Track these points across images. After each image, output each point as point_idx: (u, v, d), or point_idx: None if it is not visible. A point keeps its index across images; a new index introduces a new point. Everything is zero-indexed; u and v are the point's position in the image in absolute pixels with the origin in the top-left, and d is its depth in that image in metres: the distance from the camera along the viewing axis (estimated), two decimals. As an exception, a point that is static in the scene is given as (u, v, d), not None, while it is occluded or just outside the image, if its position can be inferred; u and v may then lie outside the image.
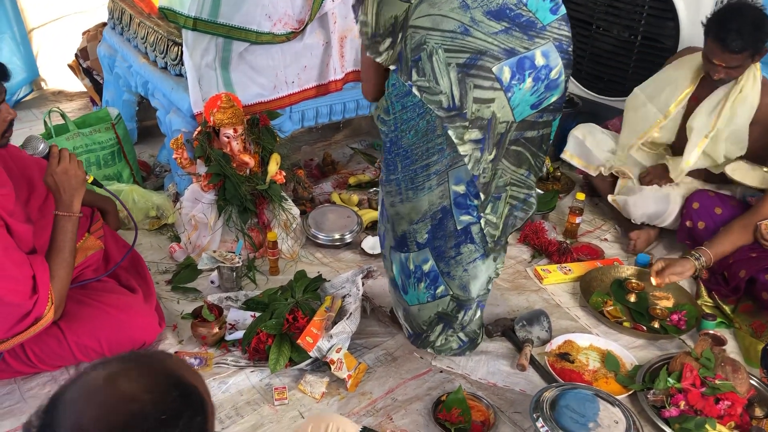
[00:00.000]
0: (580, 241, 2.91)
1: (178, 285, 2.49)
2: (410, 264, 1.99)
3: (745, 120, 2.65)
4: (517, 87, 1.76)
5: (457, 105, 1.74)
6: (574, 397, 1.91)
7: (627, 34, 3.29)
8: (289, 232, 2.68)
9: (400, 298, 2.10)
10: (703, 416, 1.96)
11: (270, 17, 2.70)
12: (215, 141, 2.59)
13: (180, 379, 0.93)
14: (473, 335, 2.16)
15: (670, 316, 2.45)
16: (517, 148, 1.86)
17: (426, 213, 1.88)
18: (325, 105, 3.05)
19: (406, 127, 1.80)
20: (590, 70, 3.46)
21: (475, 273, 1.98)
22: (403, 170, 1.84)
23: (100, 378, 0.91)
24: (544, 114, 1.85)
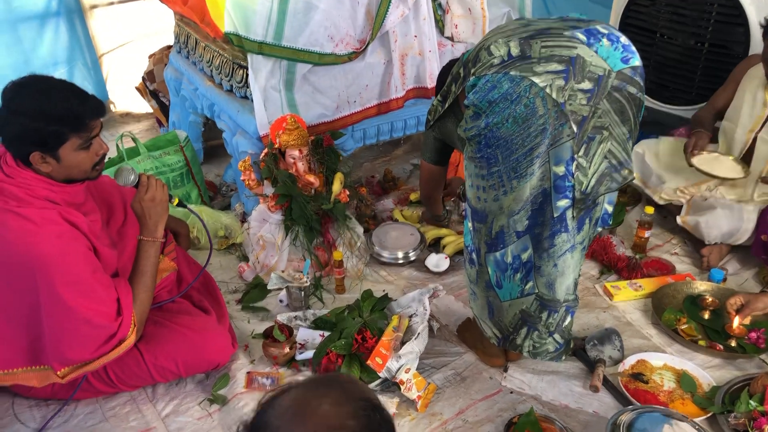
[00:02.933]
0: (649, 256, 2.84)
1: (247, 305, 2.54)
2: (508, 257, 1.97)
3: None
4: (598, 44, 1.79)
5: (514, 56, 1.79)
6: (650, 420, 1.86)
7: (693, 41, 3.21)
8: (354, 250, 2.70)
9: (493, 297, 2.07)
10: (789, 441, 1.89)
11: (332, 38, 2.74)
12: (281, 162, 2.64)
13: (374, 402, 0.97)
14: (568, 336, 2.11)
15: (748, 335, 2.36)
16: (621, 99, 1.81)
17: (527, 199, 1.87)
18: (387, 123, 3.07)
19: (500, 118, 1.79)
20: (655, 79, 3.38)
21: (563, 269, 1.95)
22: (504, 161, 1.83)
23: (304, 405, 0.95)
24: (636, 74, 1.82)
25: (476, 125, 1.82)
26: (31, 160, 1.79)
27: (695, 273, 2.73)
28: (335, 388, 0.98)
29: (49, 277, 1.78)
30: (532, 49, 1.77)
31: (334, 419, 0.92)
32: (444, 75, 2.38)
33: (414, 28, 2.93)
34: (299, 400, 0.96)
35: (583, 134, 1.80)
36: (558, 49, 1.76)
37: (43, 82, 1.81)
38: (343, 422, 0.92)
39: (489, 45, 1.83)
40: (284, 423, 0.93)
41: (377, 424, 0.94)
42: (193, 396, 2.14)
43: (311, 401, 0.95)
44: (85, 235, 1.86)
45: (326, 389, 0.97)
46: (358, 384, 1.01)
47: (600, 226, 2.02)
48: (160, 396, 2.14)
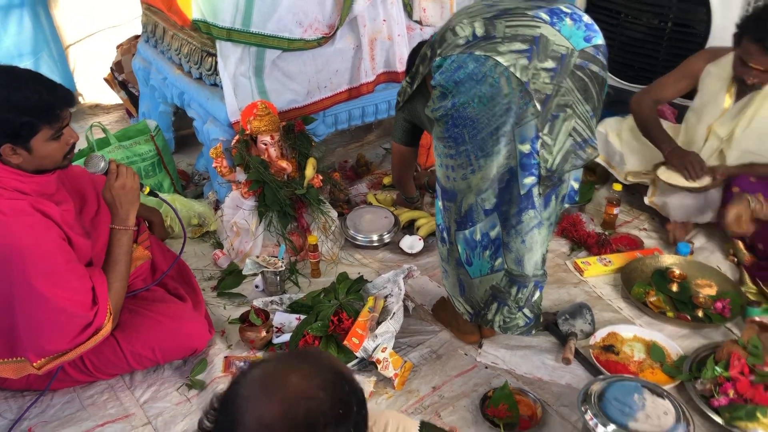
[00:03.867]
0: (618, 232, 2.90)
1: (223, 291, 2.55)
2: (477, 235, 2.00)
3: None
4: (561, 23, 1.82)
5: (479, 36, 1.81)
6: (621, 388, 1.91)
7: (657, 21, 3.26)
8: (329, 234, 2.72)
9: (464, 274, 2.10)
10: (754, 404, 1.95)
11: (301, 24, 2.74)
12: (253, 148, 2.64)
13: (346, 375, 0.99)
14: (537, 311, 2.15)
15: (714, 305, 2.44)
16: (584, 77, 1.84)
17: (494, 177, 1.90)
18: (358, 107, 3.08)
19: (467, 98, 1.81)
20: (620, 59, 3.43)
21: (531, 244, 1.98)
22: (471, 140, 1.86)
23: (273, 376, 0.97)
24: (599, 52, 1.86)
25: (443, 105, 1.85)
26: (1, 152, 1.78)
27: (663, 247, 2.80)
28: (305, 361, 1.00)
29: (23, 267, 1.77)
30: (497, 29, 1.80)
31: (303, 390, 0.94)
32: (414, 56, 2.40)
33: (382, 13, 2.94)
34: (270, 373, 0.98)
35: (547, 112, 1.83)
36: (521, 28, 1.79)
37: (10, 73, 1.80)
38: (311, 393, 0.94)
39: (454, 26, 1.86)
40: (254, 393, 0.95)
41: (346, 395, 0.96)
42: (171, 382, 2.15)
43: (281, 373, 0.97)
44: (58, 224, 1.86)
45: (297, 362, 1.00)
46: (328, 357, 1.03)
47: (567, 203, 2.06)
48: (138, 383, 2.14)
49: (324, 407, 0.93)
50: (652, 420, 1.82)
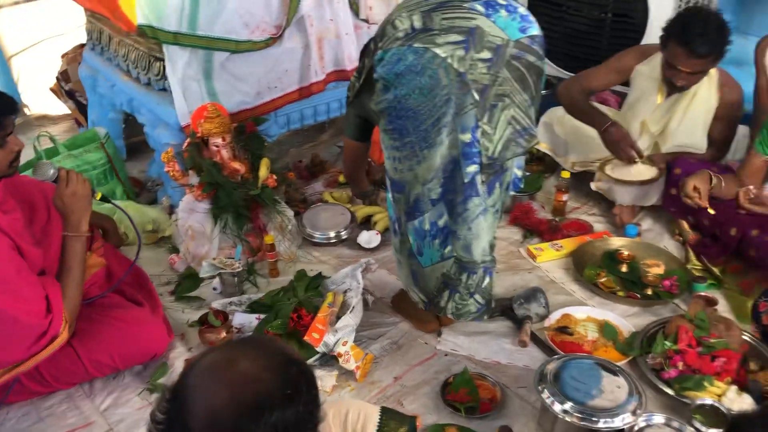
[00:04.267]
0: (568, 218, 2.98)
1: (181, 295, 2.54)
2: (425, 224, 2.04)
3: (703, 121, 2.74)
4: (496, 14, 1.85)
5: (417, 28, 1.84)
6: (576, 367, 1.97)
7: (597, 12, 3.35)
8: (285, 234, 2.73)
9: (416, 264, 2.14)
10: (701, 374, 2.03)
11: (248, 25, 2.75)
12: (205, 151, 2.64)
13: (293, 357, 1.01)
14: (488, 297, 2.19)
15: (662, 282, 2.52)
16: (521, 67, 1.88)
17: (439, 167, 1.94)
18: (309, 107, 3.10)
19: (408, 90, 1.85)
20: (564, 50, 3.52)
21: (477, 231, 2.02)
22: (414, 132, 1.90)
23: (221, 362, 0.98)
24: (534, 43, 1.89)
25: (386, 98, 1.90)
26: None
27: (611, 230, 2.88)
28: (252, 346, 1.01)
29: (-28, 279, 1.74)
30: (433, 21, 1.84)
31: (250, 373, 0.95)
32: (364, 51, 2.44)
33: (329, 12, 2.96)
34: (217, 360, 0.99)
35: (486, 102, 1.87)
36: (457, 20, 1.83)
37: None
38: (258, 375, 0.95)
39: (394, 19, 1.90)
40: (202, 381, 0.97)
41: (294, 376, 0.97)
42: (132, 387, 2.14)
43: (228, 359, 0.98)
44: (6, 234, 1.83)
45: (243, 347, 1.01)
46: (276, 341, 1.05)
47: (512, 190, 2.11)
48: (97, 391, 2.12)
49: (271, 389, 0.94)
50: (606, 395, 1.88)
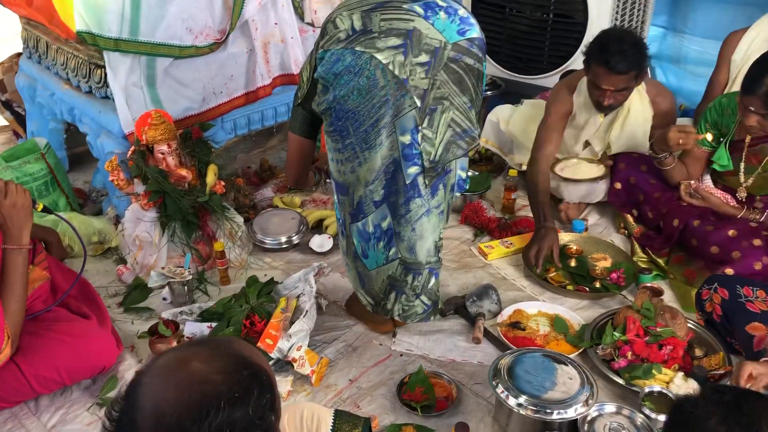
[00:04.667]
0: (517, 216, 3.03)
1: (130, 306, 2.49)
2: (369, 227, 2.05)
3: (642, 132, 2.83)
4: (435, 17, 1.86)
5: (358, 30, 1.85)
6: (529, 361, 2.00)
7: (539, 13, 3.42)
8: (235, 240, 2.70)
9: (361, 267, 2.14)
10: (650, 363, 2.09)
11: (191, 30, 2.71)
12: (150, 159, 2.59)
13: (248, 360, 0.99)
14: (435, 298, 2.20)
15: (610, 275, 2.58)
16: (458, 69, 1.89)
17: (380, 169, 1.95)
18: (257, 112, 3.08)
19: (346, 90, 1.86)
20: (509, 52, 3.58)
21: (421, 232, 2.03)
22: (355, 133, 1.90)
23: (174, 362, 0.96)
24: (473, 45, 1.91)
25: (326, 99, 1.90)
26: None
27: (560, 226, 2.92)
28: (206, 347, 1.00)
29: None
30: (373, 22, 1.84)
31: (200, 374, 0.94)
32: None
33: (273, 16, 2.95)
34: (170, 360, 0.98)
35: (426, 106, 1.89)
36: (396, 22, 1.83)
37: None
38: (208, 377, 0.94)
39: (334, 18, 1.90)
40: (153, 380, 0.96)
41: (246, 378, 0.96)
42: (81, 403, 2.08)
43: (181, 359, 0.97)
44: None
45: (197, 348, 1.00)
46: (233, 342, 1.04)
47: (458, 191, 2.12)
48: (44, 408, 2.06)
49: (219, 391, 0.93)
50: (559, 387, 1.92)
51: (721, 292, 2.21)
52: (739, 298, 2.16)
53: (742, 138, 2.48)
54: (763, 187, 2.51)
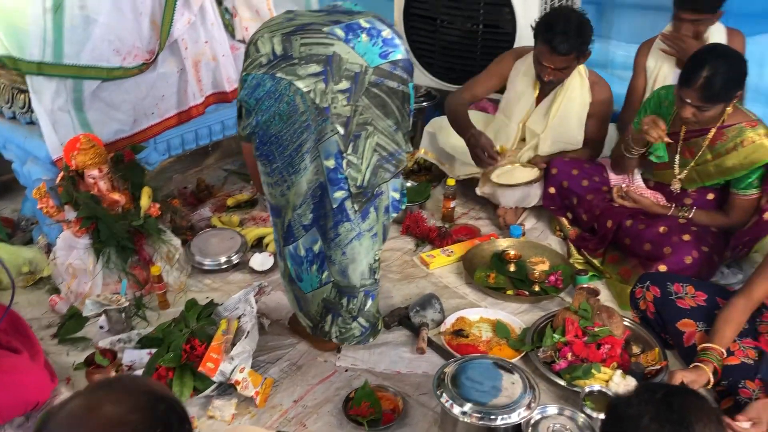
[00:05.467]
0: (457, 224, 3.07)
1: (65, 337, 2.41)
2: (300, 250, 2.04)
3: (577, 118, 2.91)
4: (356, 40, 1.86)
5: (279, 55, 1.84)
6: (472, 368, 2.02)
7: (470, 24, 3.47)
8: (173, 263, 2.65)
9: (297, 290, 2.13)
10: (589, 363, 2.13)
11: (119, 52, 2.66)
12: (81, 184, 2.52)
13: (159, 394, 0.95)
14: (373, 320, 2.20)
15: (548, 278, 2.63)
16: (380, 93, 1.89)
17: (306, 193, 1.94)
18: (190, 131, 3.04)
19: (268, 116, 1.85)
20: (442, 63, 3.62)
21: (353, 255, 2.03)
22: (280, 158, 1.90)
23: (82, 410, 0.91)
24: (396, 68, 1.91)
25: (249, 123, 1.90)
26: None
27: (498, 232, 2.99)
28: (115, 388, 0.97)
29: None
30: (293, 46, 1.83)
31: (115, 416, 0.91)
32: None
33: (203, 34, 2.91)
34: (78, 406, 0.94)
35: (350, 133, 1.89)
36: (316, 47, 1.83)
37: None
38: (124, 418, 0.91)
39: (256, 40, 1.88)
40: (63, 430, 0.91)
41: (163, 413, 0.94)
42: (14, 441, 2.00)
43: (90, 404, 0.93)
44: None
45: (106, 390, 0.96)
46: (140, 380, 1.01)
47: (393, 213, 2.12)
48: (-26, 449, 1.97)
49: (139, 430, 0.91)
50: (503, 393, 1.94)
51: (653, 290, 2.28)
52: (669, 296, 2.24)
53: (677, 131, 2.56)
54: (695, 180, 2.61)
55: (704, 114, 2.36)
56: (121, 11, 2.63)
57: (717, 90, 2.29)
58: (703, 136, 2.50)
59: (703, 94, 2.30)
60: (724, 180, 2.52)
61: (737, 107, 2.47)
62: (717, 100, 2.32)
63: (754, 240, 2.50)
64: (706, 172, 2.54)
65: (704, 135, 2.49)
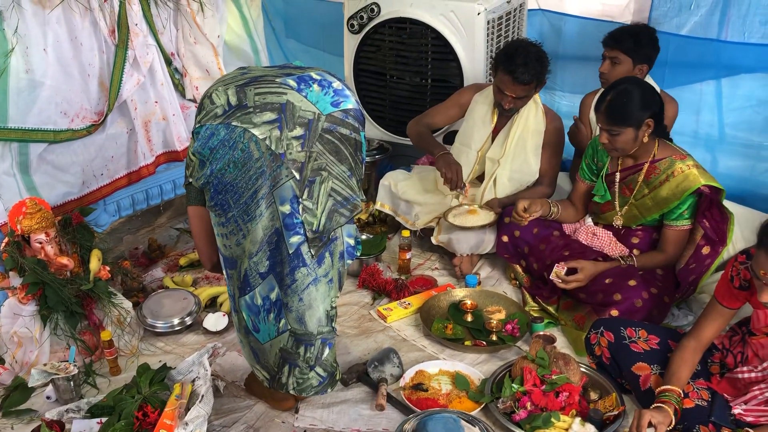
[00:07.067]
0: (413, 275, 3.07)
1: (9, 409, 2.30)
2: (257, 299, 2.01)
3: (533, 145, 3.01)
4: (308, 89, 1.92)
5: (234, 105, 1.87)
6: (433, 422, 2.00)
7: (418, 78, 3.55)
8: (124, 327, 2.58)
9: (254, 341, 2.09)
10: (548, 411, 2.13)
11: (66, 114, 2.65)
12: (27, 249, 2.46)
13: None
14: (331, 369, 2.16)
15: (505, 327, 2.64)
16: (334, 140, 1.93)
17: (263, 240, 1.93)
18: (141, 191, 3.01)
19: (223, 164, 1.87)
20: (393, 116, 3.68)
21: (309, 301, 2.02)
22: (235, 206, 1.90)
23: None
24: (348, 116, 1.95)
25: (204, 173, 1.91)
26: None
27: (454, 282, 3.00)
28: None
29: None
30: (247, 96, 1.87)
31: None
32: None
33: (153, 94, 2.92)
34: None
35: (305, 179, 1.92)
36: (270, 96, 1.88)
37: None
38: None
39: (211, 93, 1.92)
40: None
41: None
42: None
43: None
44: None
45: None
46: None
47: (349, 260, 2.12)
48: None
49: None
50: (464, 446, 1.92)
51: (607, 335, 2.31)
52: (623, 340, 2.27)
53: (615, 171, 2.68)
54: (637, 216, 2.68)
55: (616, 139, 2.50)
56: (68, 73, 2.63)
57: (619, 111, 2.45)
58: (638, 171, 2.60)
59: (608, 116, 2.47)
60: (660, 213, 2.60)
61: (667, 143, 2.61)
62: (622, 122, 2.46)
63: (698, 278, 2.59)
64: (645, 206, 2.63)
65: (639, 171, 2.60)
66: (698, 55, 3.21)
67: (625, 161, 2.65)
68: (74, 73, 2.66)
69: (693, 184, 2.50)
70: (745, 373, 2.05)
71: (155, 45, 2.92)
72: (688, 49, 3.20)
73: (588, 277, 2.58)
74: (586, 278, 2.58)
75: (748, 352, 2.08)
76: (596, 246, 2.77)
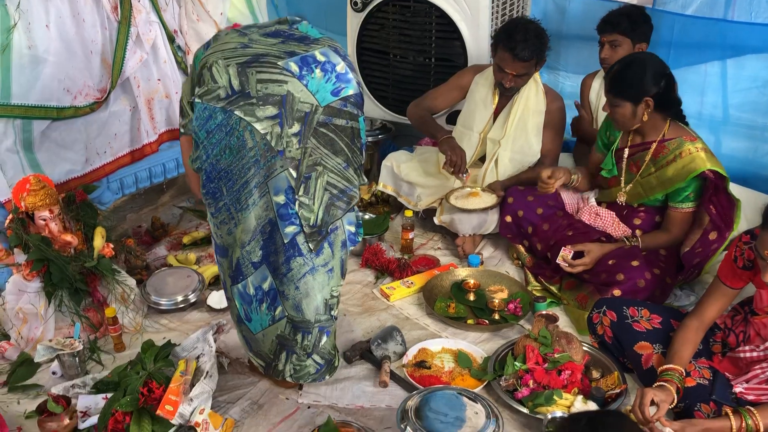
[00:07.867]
0: (416, 255, 3.08)
1: (15, 385, 2.32)
2: (249, 289, 2.02)
3: (534, 125, 3.00)
4: (309, 76, 1.86)
5: (237, 90, 1.82)
6: (435, 399, 2.02)
7: (422, 58, 3.54)
8: (128, 304, 2.59)
9: (246, 331, 2.10)
10: (550, 389, 2.15)
11: (69, 91, 2.64)
12: (31, 226, 2.47)
13: None
14: (329, 356, 2.17)
15: (507, 306, 2.66)
16: (328, 132, 1.90)
17: (255, 229, 1.93)
18: (144, 169, 3.01)
19: (218, 149, 1.85)
20: (396, 96, 3.67)
21: (306, 290, 2.02)
22: (228, 194, 1.89)
23: None
24: (347, 104, 1.92)
25: (199, 156, 1.89)
26: None
27: (457, 262, 3.01)
28: None
29: None
30: (249, 82, 1.81)
31: None
32: None
33: (156, 72, 2.91)
34: None
35: (300, 175, 1.90)
36: (271, 85, 1.82)
37: None
38: None
39: (211, 65, 1.84)
40: None
41: None
42: (-39, 498, 1.91)
43: None
44: None
45: None
46: None
47: (350, 246, 2.11)
48: None
49: None
50: (467, 423, 1.94)
51: (610, 315, 2.32)
52: (626, 319, 2.28)
53: (624, 146, 2.69)
54: (641, 195, 2.69)
55: (615, 110, 2.54)
56: (71, 50, 2.61)
57: (619, 83, 2.49)
58: (647, 149, 2.60)
59: (609, 86, 2.53)
60: (664, 193, 2.60)
61: (679, 125, 2.61)
62: (620, 95, 2.50)
63: (704, 262, 2.59)
64: (649, 185, 2.64)
65: (648, 149, 2.60)
66: (703, 35, 3.19)
67: (634, 138, 2.65)
68: (77, 49, 2.65)
69: (698, 167, 2.49)
70: (747, 353, 2.07)
71: (158, 22, 2.90)
72: (694, 29, 3.18)
73: (594, 260, 2.60)
74: (592, 261, 2.60)
75: (750, 332, 2.09)
76: (599, 226, 2.77)
